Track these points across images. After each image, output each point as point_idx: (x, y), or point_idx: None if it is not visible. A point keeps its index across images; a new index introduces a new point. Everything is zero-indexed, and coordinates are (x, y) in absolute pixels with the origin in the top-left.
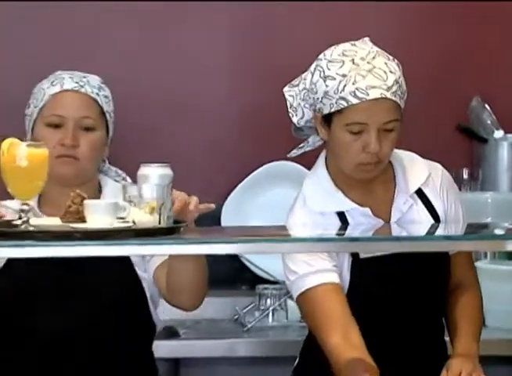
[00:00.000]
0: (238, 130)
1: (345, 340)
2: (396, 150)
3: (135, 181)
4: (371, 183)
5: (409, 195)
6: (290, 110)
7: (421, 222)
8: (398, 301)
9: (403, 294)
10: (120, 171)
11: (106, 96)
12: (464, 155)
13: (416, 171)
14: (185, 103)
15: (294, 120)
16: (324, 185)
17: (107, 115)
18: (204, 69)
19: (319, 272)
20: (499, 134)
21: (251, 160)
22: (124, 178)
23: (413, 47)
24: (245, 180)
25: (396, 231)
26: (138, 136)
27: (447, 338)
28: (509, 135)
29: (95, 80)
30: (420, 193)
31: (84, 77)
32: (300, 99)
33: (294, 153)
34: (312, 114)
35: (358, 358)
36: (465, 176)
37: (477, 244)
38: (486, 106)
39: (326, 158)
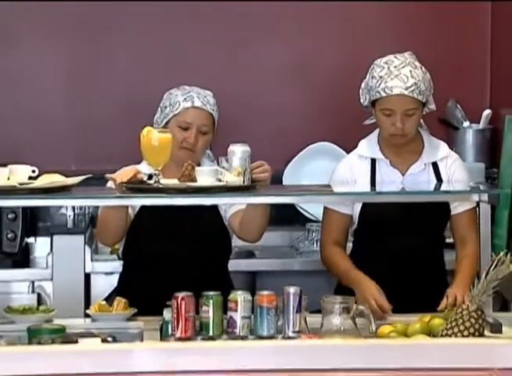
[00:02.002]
0: (299, 119)
1: (342, 259)
2: (435, 139)
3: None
4: (401, 148)
5: (426, 163)
6: (360, 95)
7: (427, 183)
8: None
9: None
10: (210, 154)
11: (217, 110)
12: (444, 138)
13: (438, 152)
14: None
15: (361, 101)
16: (371, 143)
17: (216, 122)
18: None
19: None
20: (466, 124)
21: (304, 139)
22: (211, 157)
23: None
24: (299, 153)
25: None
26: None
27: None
28: (472, 125)
29: (211, 98)
30: (435, 166)
31: (205, 96)
32: (363, 88)
33: (367, 122)
34: (368, 99)
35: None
36: None
37: (444, 197)
38: (458, 105)
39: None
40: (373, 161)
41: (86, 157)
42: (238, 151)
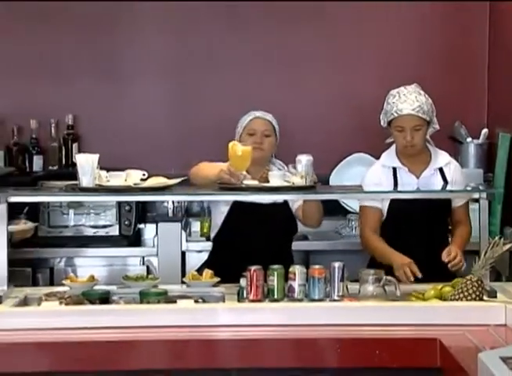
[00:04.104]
0: (343, 135)
1: (376, 241)
2: (439, 150)
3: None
4: (414, 157)
5: (434, 169)
6: (380, 119)
7: (435, 184)
8: (417, 218)
9: (420, 215)
10: (281, 163)
11: (276, 122)
12: (452, 150)
13: (442, 160)
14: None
15: (382, 124)
16: (391, 155)
17: (277, 130)
18: None
19: (370, 200)
20: (468, 140)
21: (346, 151)
22: (282, 165)
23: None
24: (342, 161)
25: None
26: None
27: None
28: (474, 140)
29: (269, 114)
30: (441, 170)
31: (264, 112)
32: (382, 113)
33: (387, 140)
34: (386, 122)
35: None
36: None
37: (453, 194)
38: (462, 125)
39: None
40: (394, 169)
41: (183, 163)
42: (303, 159)
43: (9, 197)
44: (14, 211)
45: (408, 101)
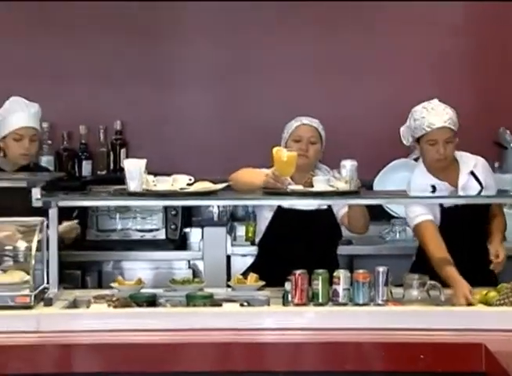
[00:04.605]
0: (386, 141)
1: (441, 254)
2: (463, 153)
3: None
4: (445, 170)
5: (467, 174)
6: (402, 138)
7: (473, 188)
8: (463, 226)
9: (466, 222)
10: (326, 168)
11: (322, 128)
12: (496, 155)
13: (469, 162)
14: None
15: (405, 143)
16: (423, 174)
17: (323, 137)
18: None
19: (421, 215)
20: None
21: (390, 155)
22: (327, 170)
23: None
24: (386, 166)
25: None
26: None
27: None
28: None
29: (316, 120)
30: (473, 173)
31: (312, 118)
32: (404, 131)
33: (410, 156)
34: (412, 139)
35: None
36: (496, 166)
37: (494, 199)
38: (507, 131)
39: (422, 159)
40: (433, 186)
41: (228, 169)
42: (347, 164)
43: (59, 202)
44: (64, 215)
45: (438, 114)
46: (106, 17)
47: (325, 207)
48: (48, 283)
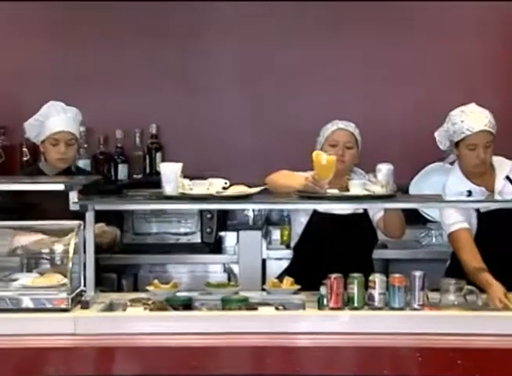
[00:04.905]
0: (422, 144)
1: (475, 262)
2: (499, 157)
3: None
4: (482, 175)
5: (503, 178)
6: (438, 143)
7: (509, 193)
8: (500, 231)
9: (502, 227)
10: (362, 172)
11: (358, 133)
12: None
13: (505, 166)
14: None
15: (441, 147)
16: (460, 179)
17: (359, 141)
18: None
19: (457, 222)
20: None
21: (426, 159)
22: (363, 174)
23: None
24: (422, 170)
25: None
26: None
27: None
28: None
29: (352, 123)
30: (508, 178)
31: (348, 121)
32: (441, 136)
33: (446, 161)
34: (449, 143)
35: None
36: None
37: None
38: None
39: (458, 164)
40: (469, 192)
41: (263, 173)
42: (383, 168)
43: (95, 205)
44: (100, 218)
45: (478, 118)
46: (140, 22)
47: (361, 211)
48: (84, 286)
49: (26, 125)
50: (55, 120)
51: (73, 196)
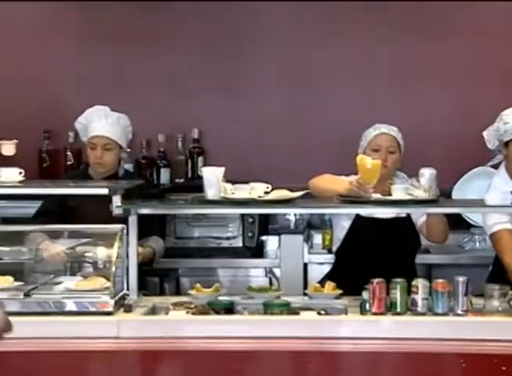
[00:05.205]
0: (464, 149)
1: None
2: None
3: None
4: None
5: None
6: (487, 141)
7: None
8: None
9: None
10: (404, 175)
11: (401, 137)
12: None
13: None
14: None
15: (489, 146)
16: (504, 177)
17: (401, 145)
18: None
19: (499, 223)
20: None
21: (469, 164)
22: (405, 178)
23: None
24: (465, 174)
25: None
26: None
27: None
28: None
29: (395, 128)
30: None
31: (390, 126)
32: (490, 135)
33: (490, 163)
34: (498, 142)
35: None
36: None
37: None
38: None
39: (505, 165)
40: None
41: (305, 177)
42: (426, 173)
43: (138, 209)
44: (143, 222)
45: None
46: (183, 27)
47: (404, 215)
48: (127, 289)
49: (76, 125)
50: (95, 124)
51: (117, 200)
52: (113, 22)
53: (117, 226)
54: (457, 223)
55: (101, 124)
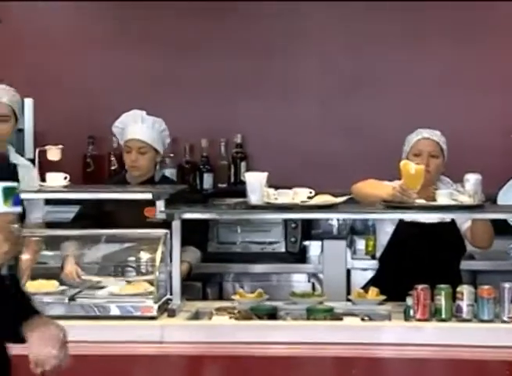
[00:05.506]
0: (508, 152)
1: None
2: None
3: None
4: None
5: None
6: None
7: None
8: None
9: None
10: (449, 180)
11: (444, 141)
12: None
13: None
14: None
15: None
16: None
17: (444, 150)
18: None
19: None
20: None
21: None
22: (450, 183)
23: None
24: (511, 181)
25: None
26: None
27: None
28: None
29: (438, 132)
30: None
31: (432, 131)
32: None
33: None
34: None
35: None
36: None
37: None
38: None
39: None
40: None
41: (348, 182)
42: (471, 178)
43: (182, 214)
44: (185, 227)
45: None
46: (227, 32)
47: (448, 220)
48: (171, 294)
49: (113, 129)
50: (130, 128)
51: (160, 205)
52: (155, 25)
53: (161, 231)
54: (502, 229)
55: (136, 127)
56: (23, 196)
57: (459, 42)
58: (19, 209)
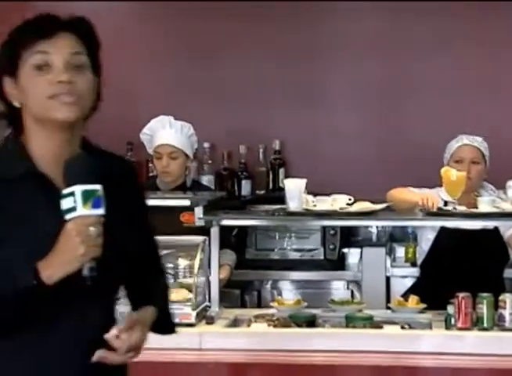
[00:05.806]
0: None
1: None
2: None
3: None
4: None
5: None
6: None
7: None
8: None
9: None
10: (492, 187)
11: (485, 147)
12: None
13: None
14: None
15: None
16: None
17: (486, 156)
18: None
19: None
20: None
21: None
22: (493, 190)
23: None
24: None
25: None
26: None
27: None
28: None
29: (479, 138)
30: None
31: (473, 137)
32: None
33: None
34: None
35: None
36: None
37: None
38: None
39: None
40: None
41: (388, 189)
42: None
43: (220, 221)
44: (225, 234)
45: None
46: (264, 37)
47: (491, 227)
48: (209, 301)
49: (141, 136)
50: (159, 133)
51: (199, 211)
52: (189, 32)
53: (199, 238)
54: None
55: (165, 132)
56: None
57: (497, 47)
58: (99, 212)
